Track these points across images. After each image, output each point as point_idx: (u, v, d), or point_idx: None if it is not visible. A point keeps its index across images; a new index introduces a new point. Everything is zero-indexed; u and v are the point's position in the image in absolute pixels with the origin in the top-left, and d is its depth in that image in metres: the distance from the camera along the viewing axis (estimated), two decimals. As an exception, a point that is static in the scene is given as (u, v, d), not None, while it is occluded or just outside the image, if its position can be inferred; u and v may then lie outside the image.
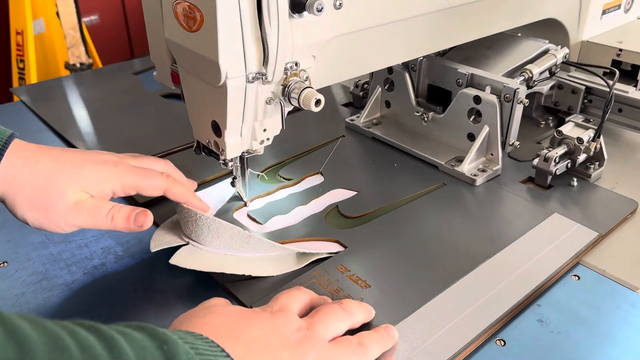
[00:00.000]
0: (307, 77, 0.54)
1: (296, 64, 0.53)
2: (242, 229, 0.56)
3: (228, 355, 0.36)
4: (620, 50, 0.88)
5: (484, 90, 0.71)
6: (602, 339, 0.50)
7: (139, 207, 0.52)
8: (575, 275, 0.57)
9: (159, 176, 0.55)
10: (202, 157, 0.62)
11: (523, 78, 0.76)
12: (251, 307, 0.50)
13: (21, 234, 0.62)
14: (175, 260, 0.54)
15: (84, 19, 2.08)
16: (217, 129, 0.55)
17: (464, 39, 0.72)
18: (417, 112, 0.78)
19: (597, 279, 0.56)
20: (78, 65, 1.96)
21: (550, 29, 0.87)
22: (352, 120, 0.85)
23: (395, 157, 0.77)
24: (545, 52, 0.80)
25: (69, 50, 1.99)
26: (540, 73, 0.78)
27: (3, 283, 0.55)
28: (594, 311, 0.52)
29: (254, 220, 0.63)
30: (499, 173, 0.72)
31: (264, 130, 0.56)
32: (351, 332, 0.46)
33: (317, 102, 0.52)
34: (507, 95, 0.69)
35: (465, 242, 0.60)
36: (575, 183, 0.70)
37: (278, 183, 0.71)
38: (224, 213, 0.65)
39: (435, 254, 0.58)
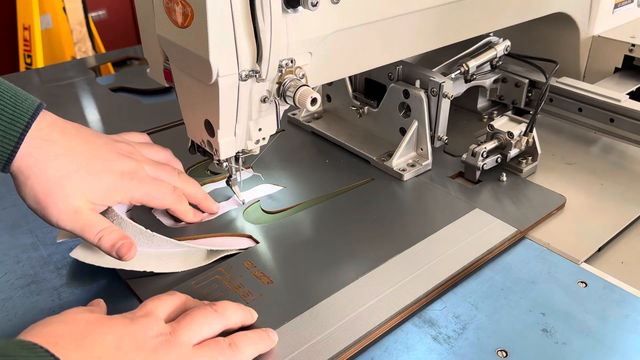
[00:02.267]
0: (303, 75, 0.52)
1: (292, 61, 0.51)
2: (147, 226, 0.55)
3: None
4: (633, 45, 0.86)
5: (414, 85, 0.70)
6: (607, 350, 0.47)
7: (127, 237, 0.52)
8: (582, 282, 0.54)
9: (169, 194, 0.57)
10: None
11: (459, 72, 0.75)
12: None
13: (12, 235, 0.61)
14: (77, 253, 0.54)
15: (91, 14, 2.09)
16: (210, 129, 0.53)
17: (468, 35, 0.71)
18: (354, 107, 0.77)
19: (607, 287, 0.54)
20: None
21: (560, 24, 0.85)
22: (294, 114, 0.84)
23: (331, 152, 0.76)
24: (487, 44, 0.79)
25: (75, 45, 1.99)
26: (479, 66, 0.77)
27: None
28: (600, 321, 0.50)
29: (172, 216, 0.63)
30: (430, 168, 0.71)
31: (259, 129, 0.55)
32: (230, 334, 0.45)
33: (313, 100, 0.50)
34: (434, 89, 0.68)
35: (378, 238, 0.59)
36: (504, 178, 0.69)
37: (206, 177, 0.70)
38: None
39: (347, 250, 0.57)
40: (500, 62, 0.80)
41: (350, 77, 0.78)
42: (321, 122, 0.82)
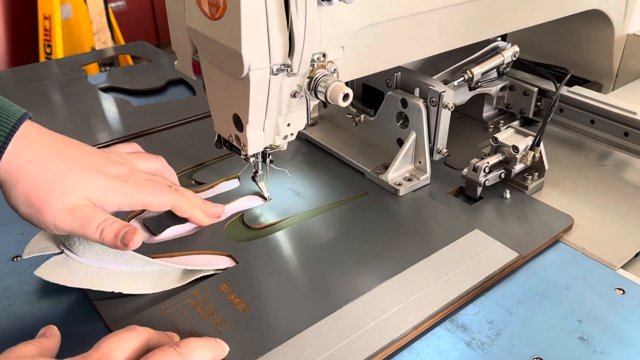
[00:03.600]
0: (334, 70, 0.51)
1: (324, 55, 0.50)
2: None
3: None
4: None
5: (412, 93, 0.65)
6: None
7: (130, 224, 0.49)
8: (619, 289, 0.52)
9: (168, 191, 0.54)
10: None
11: (462, 79, 0.70)
12: (111, 331, 0.47)
13: (35, 227, 0.58)
14: (41, 272, 0.50)
15: (111, 5, 2.10)
16: (239, 123, 0.52)
17: (501, 31, 0.68)
18: (349, 114, 0.73)
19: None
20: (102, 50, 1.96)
21: (593, 21, 0.81)
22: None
23: (324, 162, 0.72)
24: (494, 50, 0.74)
25: (95, 35, 2.01)
26: (484, 73, 0.72)
27: (15, 279, 0.53)
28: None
29: (147, 229, 0.59)
30: (428, 182, 0.67)
31: (288, 125, 0.54)
32: None
33: (345, 96, 0.49)
34: (433, 99, 0.63)
35: (368, 260, 0.55)
36: (508, 195, 0.64)
37: (190, 187, 0.66)
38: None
39: (332, 274, 0.53)
40: (508, 69, 0.75)
41: (346, 82, 0.74)
42: (316, 129, 0.78)
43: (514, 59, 0.75)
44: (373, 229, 0.59)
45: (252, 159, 0.57)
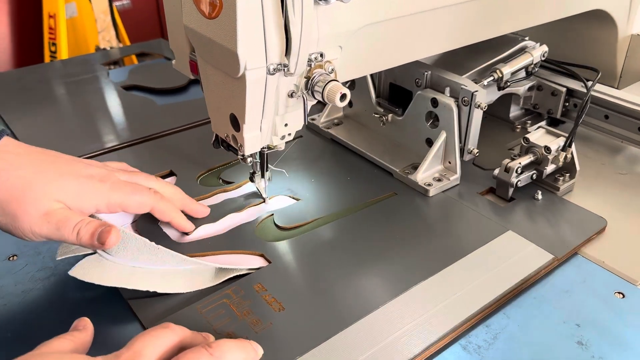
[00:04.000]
0: (332, 69, 0.51)
1: (321, 55, 0.50)
2: (154, 240, 0.51)
3: None
4: None
5: (443, 92, 0.65)
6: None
7: (106, 222, 0.49)
8: (619, 293, 0.51)
9: (147, 192, 0.54)
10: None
11: (492, 78, 0.69)
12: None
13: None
14: (76, 272, 0.50)
15: (115, 3, 2.10)
16: (236, 123, 0.52)
17: (502, 31, 0.67)
18: (376, 114, 0.72)
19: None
20: (109, 49, 1.96)
21: (597, 22, 0.80)
22: (312, 119, 0.80)
23: (351, 162, 0.71)
24: (522, 49, 0.74)
25: (99, 34, 2.00)
26: (514, 73, 0.71)
27: (11, 278, 0.53)
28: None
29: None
30: (458, 182, 0.66)
31: (285, 125, 0.53)
32: None
33: (343, 96, 0.49)
34: (465, 99, 0.62)
35: (401, 261, 0.54)
36: (540, 196, 0.64)
37: (218, 186, 0.66)
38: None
39: (366, 274, 0.53)
40: (536, 69, 0.74)
41: (373, 82, 0.73)
42: (341, 128, 0.77)
43: (543, 58, 0.74)
44: (404, 230, 0.59)
45: (249, 159, 0.56)
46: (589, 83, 0.70)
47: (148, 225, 0.58)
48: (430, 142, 0.67)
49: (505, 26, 0.67)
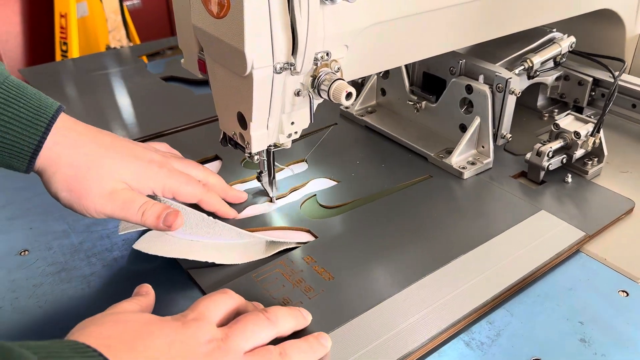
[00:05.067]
0: (338, 68, 0.51)
1: (327, 54, 0.50)
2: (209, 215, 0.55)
3: None
4: None
5: (477, 80, 0.68)
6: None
7: (170, 207, 0.52)
8: (623, 291, 0.52)
9: (198, 185, 0.57)
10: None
11: (522, 68, 0.72)
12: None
13: (44, 221, 0.61)
14: (139, 245, 0.53)
15: (126, 3, 2.12)
16: (243, 121, 0.53)
17: (508, 30, 0.68)
18: (411, 101, 0.76)
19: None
20: (119, 48, 1.99)
21: (605, 21, 0.82)
22: (346, 108, 0.83)
23: (386, 147, 0.75)
24: (550, 40, 0.76)
25: (110, 33, 2.02)
26: (543, 63, 0.74)
27: (22, 272, 0.54)
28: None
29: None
30: (491, 166, 0.69)
31: (292, 123, 0.54)
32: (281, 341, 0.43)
33: (348, 95, 0.49)
34: (499, 86, 0.65)
35: (440, 237, 0.58)
36: (570, 180, 0.67)
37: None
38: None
39: (407, 248, 0.56)
40: (564, 59, 0.77)
41: (407, 71, 0.77)
42: (374, 116, 0.81)
43: (570, 49, 0.77)
44: (440, 210, 0.62)
45: (256, 157, 0.57)
46: (615, 73, 0.73)
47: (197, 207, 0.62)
48: (463, 128, 0.70)
49: (511, 25, 0.68)
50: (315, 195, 0.65)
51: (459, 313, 0.48)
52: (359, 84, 0.89)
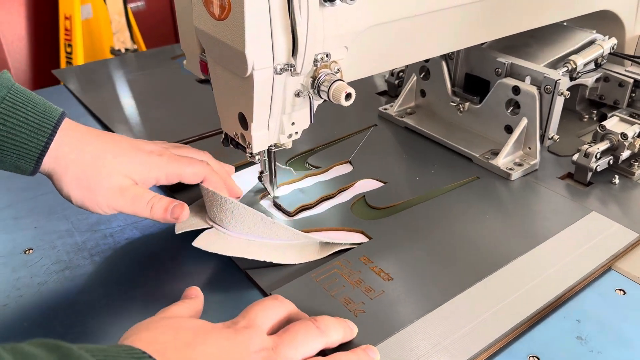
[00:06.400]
0: (338, 69, 0.52)
1: (327, 55, 0.51)
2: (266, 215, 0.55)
3: None
4: None
5: (523, 81, 0.68)
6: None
7: (176, 200, 0.54)
8: (620, 290, 0.52)
9: (200, 164, 0.58)
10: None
11: (566, 69, 0.72)
12: (268, 294, 0.50)
13: (48, 221, 0.62)
14: (199, 243, 0.54)
15: (130, 5, 2.12)
16: (244, 122, 0.53)
17: (508, 32, 0.68)
18: (453, 102, 0.76)
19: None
20: (123, 50, 2.00)
21: (605, 22, 0.82)
22: (385, 109, 0.83)
23: (428, 149, 0.75)
24: (592, 42, 0.76)
25: (114, 35, 2.02)
26: (585, 64, 0.74)
27: (27, 271, 0.55)
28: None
29: (279, 208, 0.63)
30: (537, 168, 0.69)
31: (292, 123, 0.55)
32: (329, 352, 0.43)
33: (348, 96, 0.50)
34: (548, 87, 0.65)
35: (495, 238, 0.58)
36: (617, 181, 0.67)
37: (306, 170, 0.70)
38: (250, 201, 0.64)
39: (463, 250, 0.56)
40: (605, 61, 0.77)
41: (449, 72, 0.77)
42: (414, 117, 0.81)
43: (612, 51, 0.77)
44: (491, 212, 0.62)
45: (257, 157, 0.57)
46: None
47: (258, 205, 0.62)
48: (509, 129, 0.70)
49: (511, 27, 0.68)
50: (365, 196, 0.65)
51: (517, 318, 0.48)
52: (395, 86, 0.90)
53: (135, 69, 1.06)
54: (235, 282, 0.54)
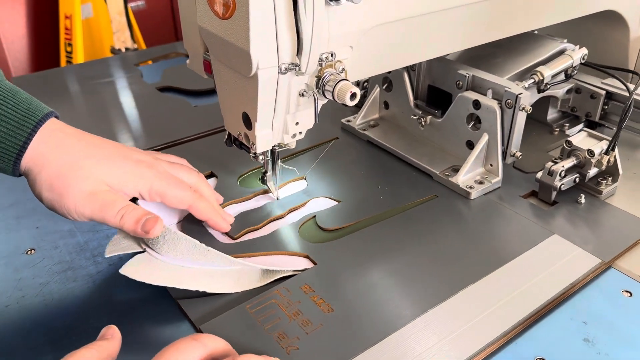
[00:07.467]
0: (343, 69, 0.51)
1: (332, 55, 0.50)
2: (200, 241, 0.52)
3: None
4: None
5: (485, 94, 0.65)
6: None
7: (151, 212, 0.50)
8: (627, 292, 0.51)
9: (188, 190, 0.55)
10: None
11: (533, 81, 0.69)
12: (198, 330, 0.47)
13: (51, 221, 0.61)
14: (126, 270, 0.50)
15: (130, 4, 2.12)
16: (248, 121, 0.52)
17: (513, 31, 0.67)
18: (414, 116, 0.72)
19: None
20: (123, 49, 1.99)
21: (609, 22, 0.80)
22: (348, 121, 0.80)
23: (389, 164, 0.71)
24: (562, 52, 0.73)
25: (114, 34, 2.03)
26: (554, 75, 0.71)
27: (29, 271, 0.55)
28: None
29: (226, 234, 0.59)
30: (499, 186, 0.66)
31: (297, 123, 0.54)
32: None
33: (353, 95, 0.49)
34: (509, 101, 0.62)
35: (448, 264, 0.54)
36: (583, 200, 0.63)
37: (258, 188, 0.66)
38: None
39: (415, 276, 0.53)
40: (575, 72, 0.74)
41: (411, 84, 0.73)
42: (377, 130, 0.77)
43: (582, 61, 0.73)
44: (446, 233, 0.59)
45: (260, 157, 0.57)
46: (631, 86, 0.70)
47: (194, 226, 0.58)
48: (470, 145, 0.67)
49: (515, 27, 0.67)
50: (315, 216, 0.61)
51: (470, 349, 0.45)
52: (361, 96, 0.86)
53: (93, 76, 1.02)
54: (166, 312, 0.51)
